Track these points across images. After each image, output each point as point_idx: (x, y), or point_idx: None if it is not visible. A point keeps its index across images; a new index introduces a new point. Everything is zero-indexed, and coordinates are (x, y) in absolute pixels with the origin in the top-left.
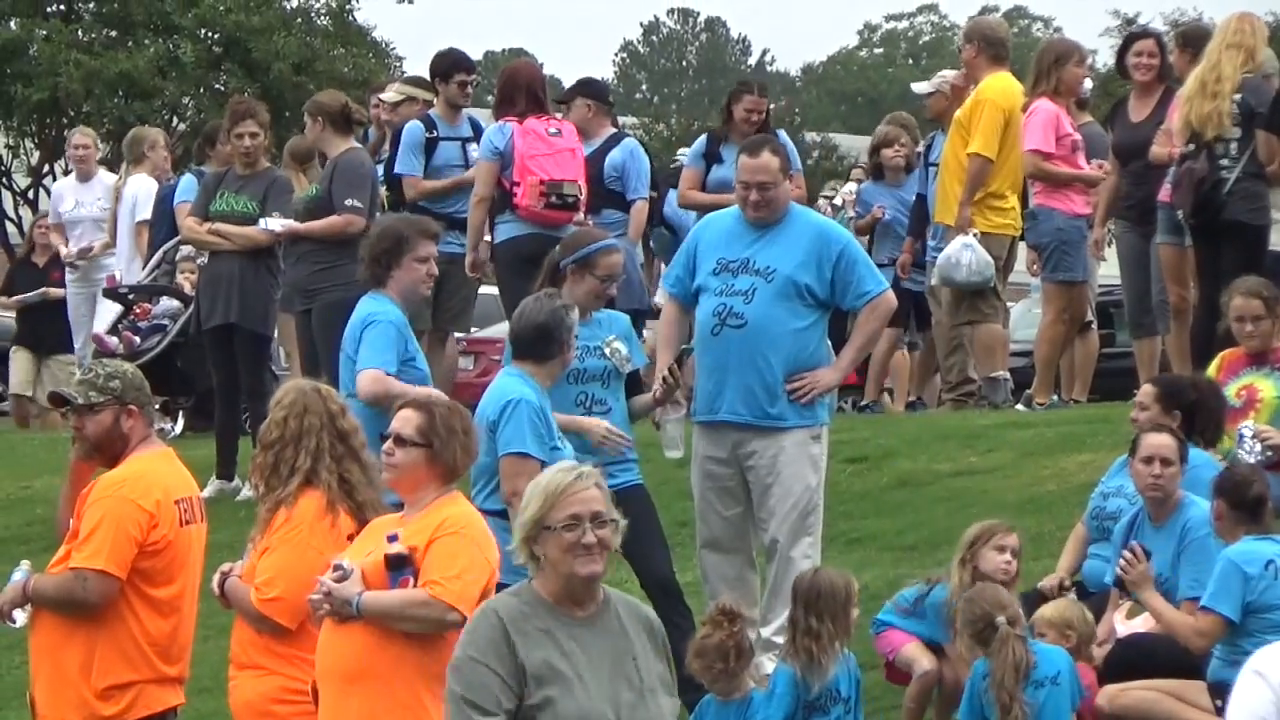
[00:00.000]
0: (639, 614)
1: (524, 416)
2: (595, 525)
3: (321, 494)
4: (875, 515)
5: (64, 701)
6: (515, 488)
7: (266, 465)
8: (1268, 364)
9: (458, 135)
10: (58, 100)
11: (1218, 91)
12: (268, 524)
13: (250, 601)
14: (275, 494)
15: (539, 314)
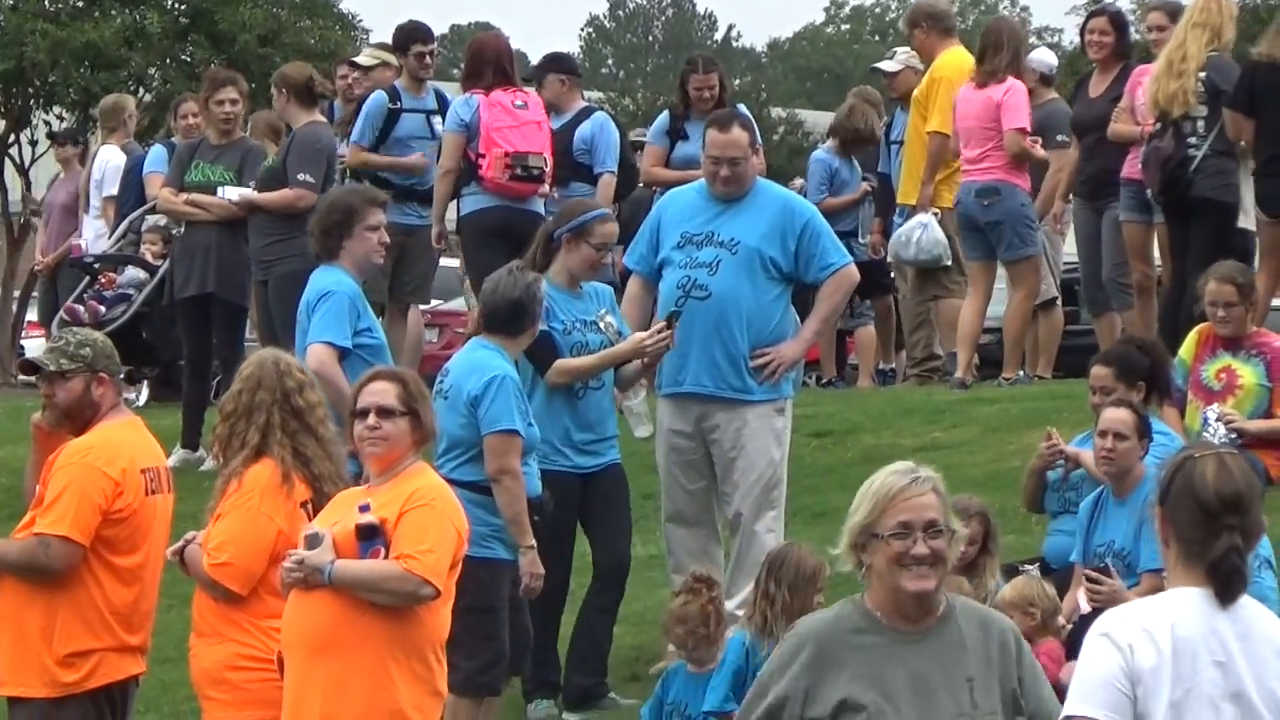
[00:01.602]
0: (990, 627)
1: (509, 393)
2: (928, 535)
3: (275, 464)
4: (839, 490)
5: (24, 667)
6: (503, 465)
7: (223, 436)
8: (1243, 349)
9: (422, 108)
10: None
11: (1183, 70)
12: (222, 494)
13: (203, 568)
14: (229, 466)
15: (513, 289)
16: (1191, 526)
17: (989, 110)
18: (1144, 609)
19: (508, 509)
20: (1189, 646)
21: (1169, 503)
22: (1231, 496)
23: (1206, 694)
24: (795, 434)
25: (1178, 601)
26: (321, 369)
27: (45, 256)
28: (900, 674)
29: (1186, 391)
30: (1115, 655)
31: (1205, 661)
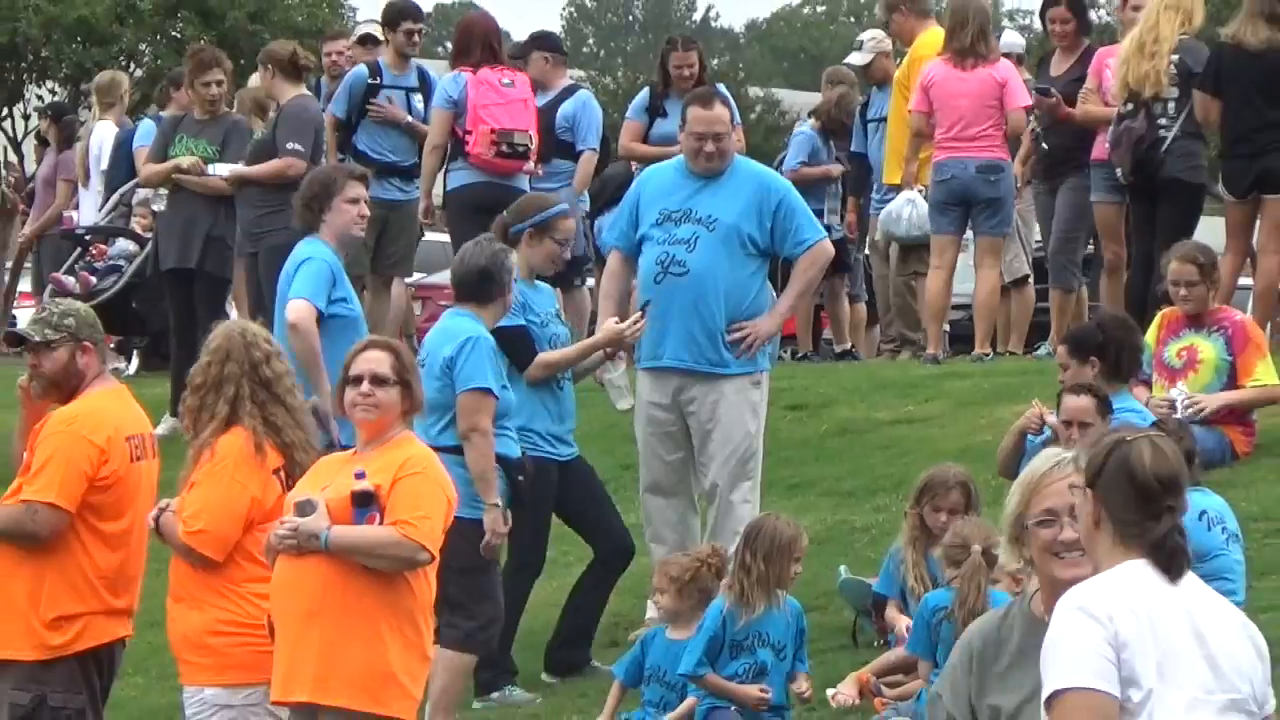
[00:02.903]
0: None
1: (484, 353)
2: (1075, 520)
3: (246, 434)
4: (815, 462)
5: (13, 630)
6: (474, 424)
7: (193, 408)
8: (1205, 326)
9: (403, 84)
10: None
11: (1155, 51)
12: (194, 464)
13: (177, 535)
14: (199, 437)
15: (480, 257)
16: (1129, 508)
17: (989, 89)
18: (1110, 582)
19: (475, 465)
20: (1161, 613)
21: (1103, 485)
22: (1169, 478)
23: (1185, 656)
24: (771, 406)
25: (1138, 574)
26: (300, 323)
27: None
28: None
29: (1152, 373)
30: (1096, 627)
31: (1177, 627)
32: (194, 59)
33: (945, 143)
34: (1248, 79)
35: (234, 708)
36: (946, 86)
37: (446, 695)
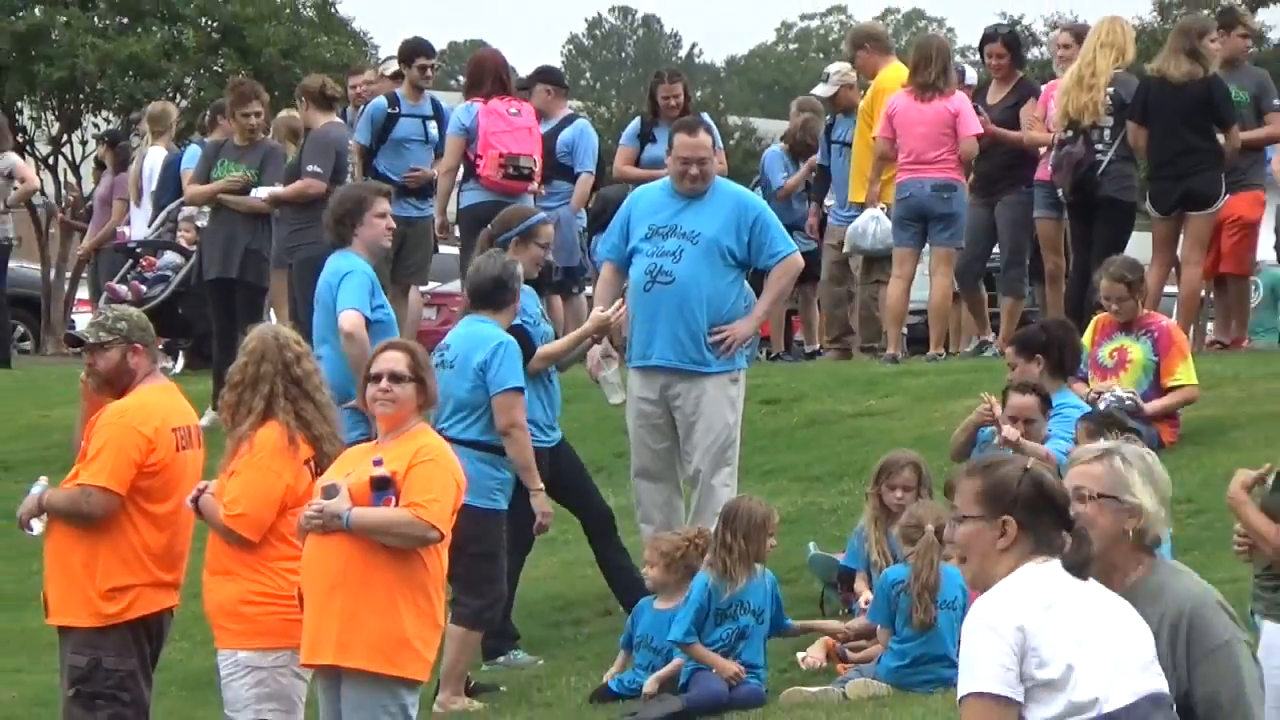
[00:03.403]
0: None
1: (514, 356)
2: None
3: (281, 427)
4: (787, 450)
5: (72, 601)
6: (512, 419)
7: (231, 404)
8: (1134, 330)
9: (418, 113)
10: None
11: (1093, 85)
12: (233, 454)
13: (219, 517)
14: (238, 430)
15: (493, 268)
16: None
17: (944, 119)
18: (1020, 589)
19: (519, 457)
20: (1075, 600)
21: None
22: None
23: (1101, 631)
24: (748, 401)
25: (1049, 574)
26: (355, 331)
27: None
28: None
29: (1088, 371)
30: (998, 639)
31: (1092, 609)
32: (235, 91)
33: (906, 166)
34: (1171, 109)
35: (264, 669)
36: (908, 116)
37: (457, 667)
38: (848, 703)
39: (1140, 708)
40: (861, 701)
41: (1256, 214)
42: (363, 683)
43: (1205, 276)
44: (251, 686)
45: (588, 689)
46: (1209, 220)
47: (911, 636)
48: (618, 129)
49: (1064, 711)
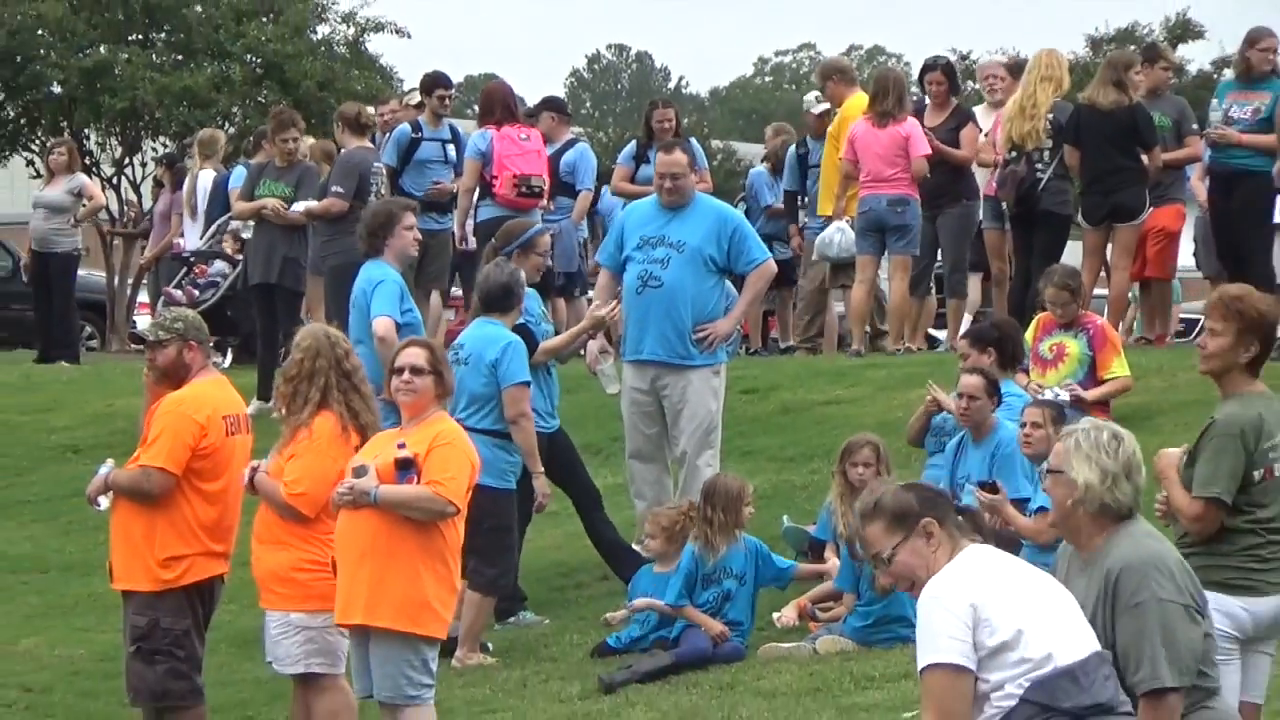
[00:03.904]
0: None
1: (521, 354)
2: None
3: (335, 416)
4: (763, 434)
5: (134, 568)
6: (520, 410)
7: (287, 394)
8: (1072, 327)
9: (438, 137)
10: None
11: (1034, 114)
12: (290, 439)
13: (280, 495)
14: (294, 418)
15: (501, 276)
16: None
17: (897, 143)
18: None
19: (524, 444)
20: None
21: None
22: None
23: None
24: (729, 391)
25: (984, 553)
26: (387, 334)
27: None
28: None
29: (1029, 363)
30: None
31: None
32: (275, 120)
33: (865, 183)
34: (1101, 133)
35: (314, 629)
36: (867, 139)
37: (474, 628)
38: (818, 657)
39: (1091, 661)
40: (830, 656)
41: (1177, 225)
42: (389, 640)
43: (1132, 280)
44: (301, 644)
45: (589, 645)
46: (1135, 231)
47: (874, 600)
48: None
49: (1021, 670)
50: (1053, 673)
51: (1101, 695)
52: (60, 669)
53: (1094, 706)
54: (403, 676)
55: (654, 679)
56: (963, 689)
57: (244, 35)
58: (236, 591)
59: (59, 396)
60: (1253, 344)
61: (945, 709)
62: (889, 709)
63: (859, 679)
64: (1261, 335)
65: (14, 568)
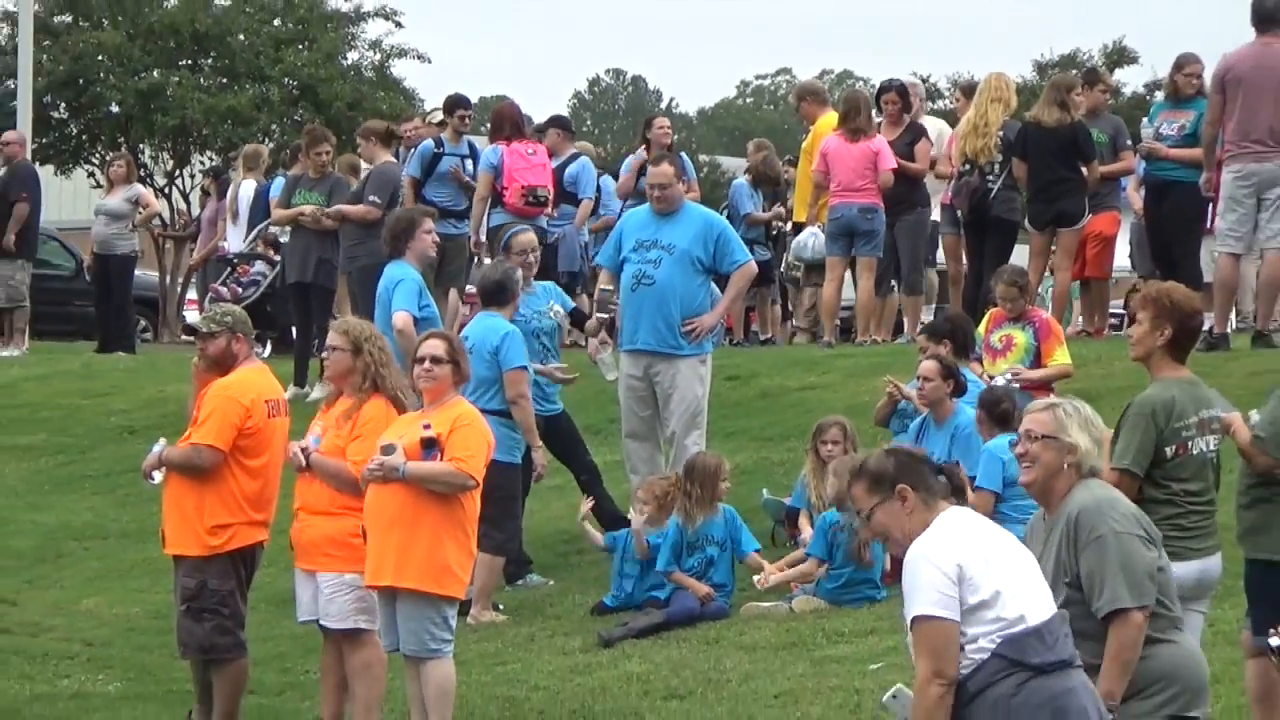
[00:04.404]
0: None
1: (519, 341)
2: (1029, 440)
3: (386, 400)
4: (745, 416)
5: (185, 536)
6: (519, 391)
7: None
8: (1020, 321)
9: (458, 153)
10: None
11: (985, 132)
12: (347, 418)
13: (348, 471)
14: (348, 400)
15: (496, 273)
16: (923, 475)
17: (868, 157)
18: (947, 529)
19: (523, 421)
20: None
21: (903, 474)
22: (921, 454)
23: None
24: (715, 378)
25: (955, 515)
26: (405, 327)
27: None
28: (1036, 548)
29: (981, 352)
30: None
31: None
32: (309, 136)
33: (837, 193)
34: (1046, 147)
35: (361, 589)
36: (839, 154)
37: (486, 588)
38: (794, 615)
39: (1055, 621)
40: (805, 614)
41: (1114, 230)
42: (414, 600)
43: (1073, 279)
44: (352, 602)
45: (589, 604)
46: (1076, 235)
47: (845, 563)
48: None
49: (996, 627)
50: (1023, 631)
51: (1063, 653)
52: (118, 625)
53: (1056, 663)
54: (426, 632)
55: (647, 635)
56: (951, 636)
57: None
58: (275, 556)
59: (117, 383)
60: (1165, 328)
61: (937, 654)
62: (857, 661)
63: (831, 634)
64: (1174, 321)
65: (77, 535)
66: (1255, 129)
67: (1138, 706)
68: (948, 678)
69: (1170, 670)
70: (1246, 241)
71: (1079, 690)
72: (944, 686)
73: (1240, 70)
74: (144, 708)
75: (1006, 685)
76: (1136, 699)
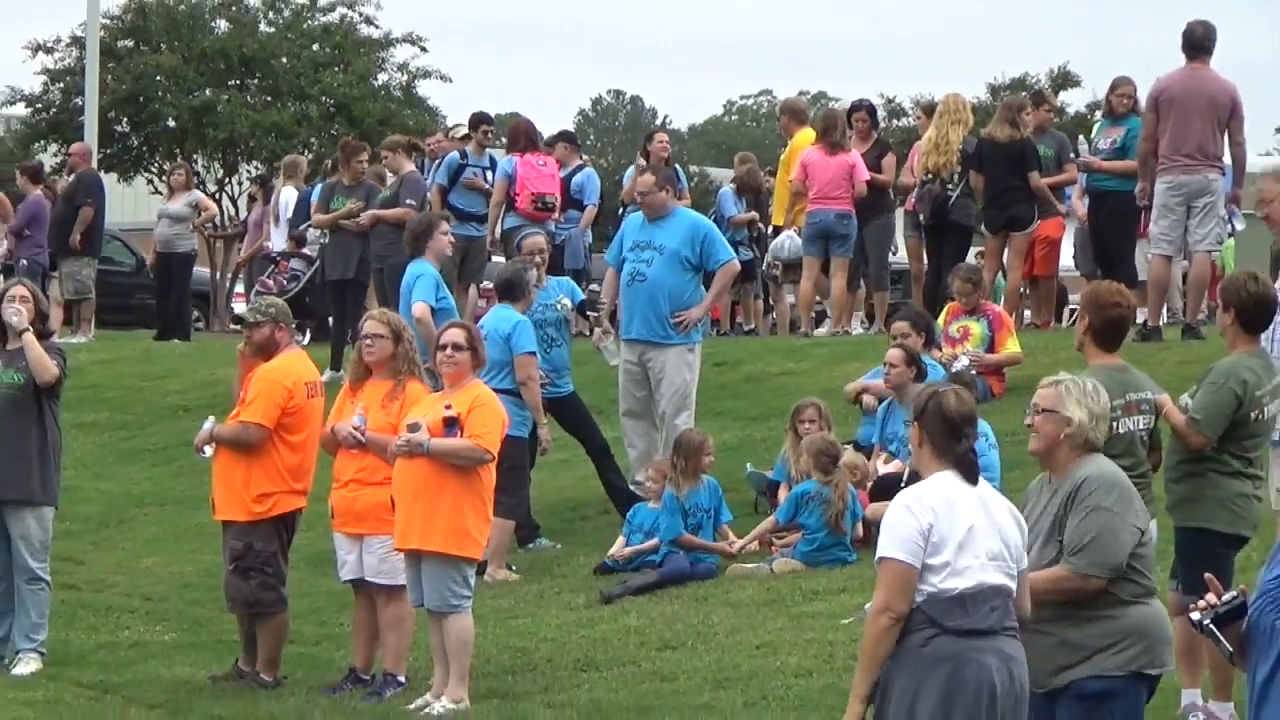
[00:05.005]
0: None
1: (529, 330)
2: (1034, 412)
3: (423, 384)
4: (731, 398)
5: (233, 503)
6: (528, 374)
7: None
8: (975, 314)
9: (480, 164)
10: (234, 139)
11: (947, 150)
12: (391, 398)
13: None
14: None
15: (509, 271)
16: (941, 435)
17: (845, 169)
18: (929, 486)
19: (531, 401)
20: (963, 504)
21: (924, 420)
22: (968, 415)
23: (979, 532)
24: (704, 364)
25: (948, 480)
26: (423, 316)
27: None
28: (1033, 509)
29: (941, 342)
30: (912, 519)
31: (974, 512)
32: (349, 147)
33: (815, 200)
34: (998, 160)
35: None
36: (819, 165)
37: (499, 549)
38: (774, 576)
39: (984, 593)
40: (784, 575)
41: (1059, 234)
42: (438, 561)
43: (1023, 278)
44: (400, 562)
45: (592, 564)
46: (1025, 238)
47: (819, 528)
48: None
49: (928, 587)
50: (946, 597)
51: (981, 623)
52: (173, 582)
53: (970, 630)
54: (448, 590)
55: (643, 592)
56: (909, 579)
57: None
58: (312, 521)
59: (173, 367)
60: (1086, 318)
61: (892, 590)
62: (830, 616)
63: (807, 593)
64: (1092, 312)
65: (137, 503)
66: (1185, 144)
67: (1111, 660)
68: (897, 612)
69: (1142, 628)
70: (1177, 245)
71: (986, 659)
72: (892, 619)
73: (1172, 92)
74: (196, 655)
75: (919, 636)
76: (1109, 653)
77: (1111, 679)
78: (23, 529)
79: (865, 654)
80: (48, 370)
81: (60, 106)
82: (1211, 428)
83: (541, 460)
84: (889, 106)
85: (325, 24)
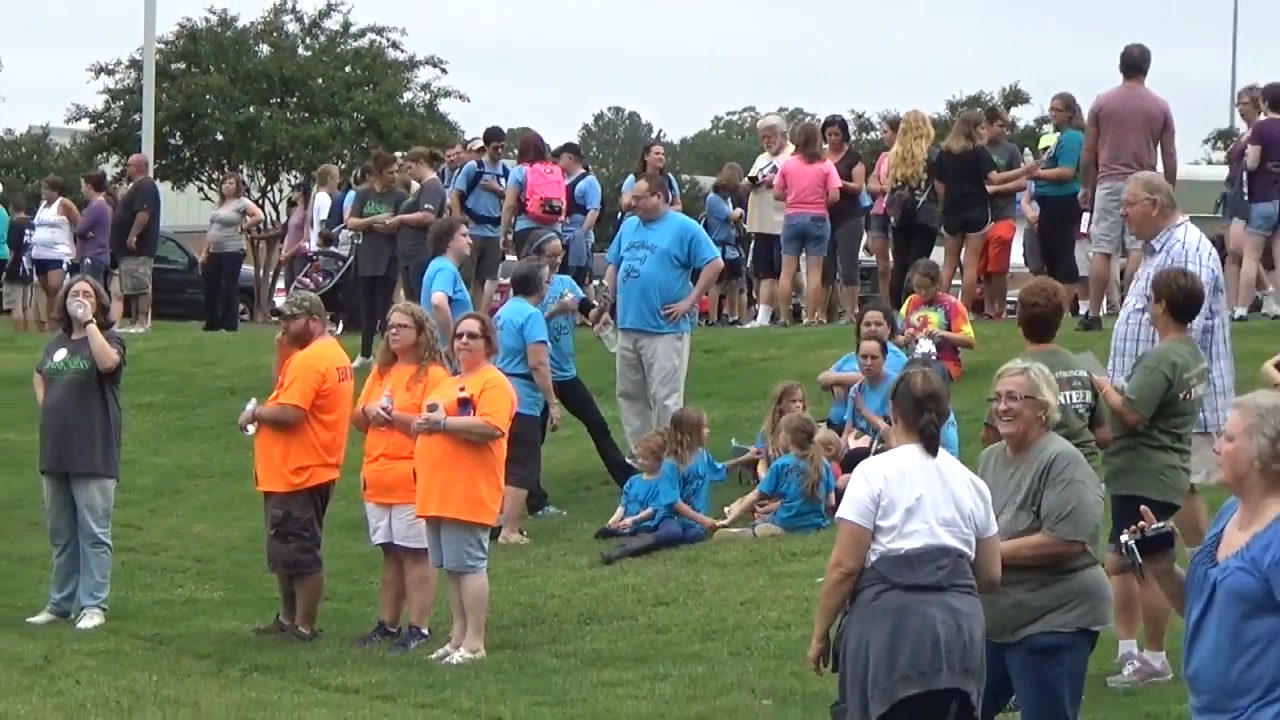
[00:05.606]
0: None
1: (540, 321)
2: (1007, 399)
3: (445, 369)
4: (718, 381)
5: (273, 475)
6: (540, 360)
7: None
8: (933, 304)
9: (494, 172)
10: (275, 151)
11: (913, 162)
12: (417, 382)
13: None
14: (414, 366)
15: (524, 268)
16: (908, 410)
17: (820, 177)
18: (891, 456)
19: (542, 383)
20: (915, 476)
21: (897, 397)
22: (931, 392)
23: (931, 499)
24: (694, 352)
25: (906, 453)
26: (441, 304)
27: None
28: (1007, 486)
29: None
30: (866, 485)
31: (930, 480)
32: (379, 158)
33: (793, 204)
34: (956, 169)
35: None
36: (797, 173)
37: (512, 514)
38: (757, 539)
39: (930, 553)
40: (765, 538)
41: (1010, 235)
42: (455, 526)
43: (979, 274)
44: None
45: (594, 530)
46: (981, 239)
47: (798, 498)
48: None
49: (878, 548)
50: (894, 556)
51: (927, 580)
52: (221, 546)
53: (915, 585)
54: (464, 552)
55: (640, 555)
56: (860, 539)
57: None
58: (345, 491)
59: (221, 354)
60: (1019, 311)
61: (844, 548)
62: (807, 575)
63: (786, 554)
64: (1019, 310)
65: (189, 475)
66: (1123, 154)
67: (1062, 617)
68: (847, 568)
69: (1092, 589)
70: (1116, 244)
71: (931, 611)
72: (843, 574)
73: (1111, 107)
74: (241, 611)
75: (870, 592)
76: (1060, 611)
77: (1060, 634)
78: (88, 498)
79: (821, 602)
80: (109, 357)
81: (120, 122)
82: (1145, 407)
83: (550, 436)
84: (859, 121)
85: (357, 48)
